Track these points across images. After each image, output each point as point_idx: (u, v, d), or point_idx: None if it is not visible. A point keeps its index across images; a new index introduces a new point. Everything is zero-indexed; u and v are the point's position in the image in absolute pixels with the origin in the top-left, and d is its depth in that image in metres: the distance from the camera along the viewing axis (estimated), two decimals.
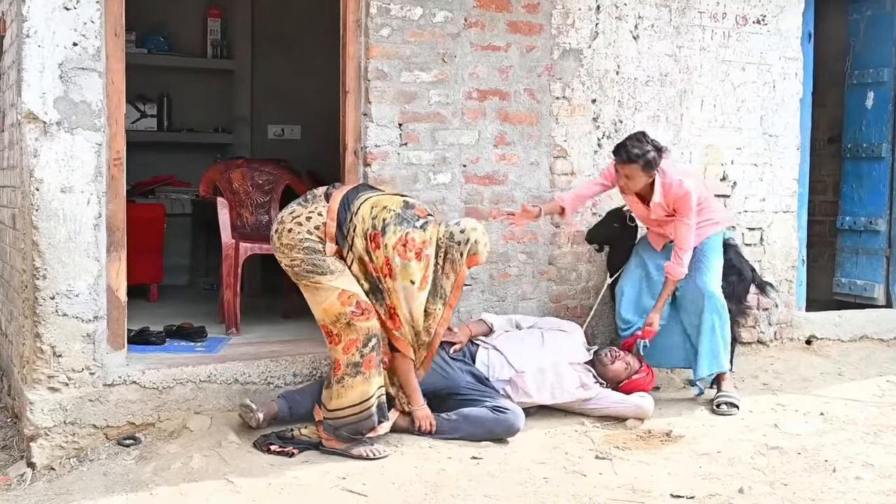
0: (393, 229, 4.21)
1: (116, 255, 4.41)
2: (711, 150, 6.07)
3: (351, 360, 4.17)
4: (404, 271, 4.20)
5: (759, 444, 4.49)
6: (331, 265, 4.19)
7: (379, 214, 4.23)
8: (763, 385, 5.61)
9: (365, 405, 4.19)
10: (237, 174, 6.23)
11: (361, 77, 5.03)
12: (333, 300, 4.16)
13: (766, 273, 6.25)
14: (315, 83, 7.74)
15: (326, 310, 4.18)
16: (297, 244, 4.17)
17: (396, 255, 4.19)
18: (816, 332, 6.55)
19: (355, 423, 4.19)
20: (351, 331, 4.16)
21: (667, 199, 4.98)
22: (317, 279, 4.17)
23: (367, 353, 4.18)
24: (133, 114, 7.91)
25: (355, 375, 4.18)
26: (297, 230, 4.20)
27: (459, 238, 4.35)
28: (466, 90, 5.24)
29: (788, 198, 6.38)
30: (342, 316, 4.15)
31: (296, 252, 4.18)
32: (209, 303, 6.49)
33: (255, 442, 4.26)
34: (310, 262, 4.17)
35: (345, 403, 4.19)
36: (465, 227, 4.38)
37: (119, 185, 4.43)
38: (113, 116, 4.37)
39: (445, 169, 5.18)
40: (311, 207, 4.27)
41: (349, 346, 4.17)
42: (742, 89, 6.15)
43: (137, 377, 4.38)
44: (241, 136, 8.51)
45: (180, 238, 7.73)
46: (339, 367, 4.19)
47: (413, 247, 4.21)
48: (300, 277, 4.21)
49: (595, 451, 4.35)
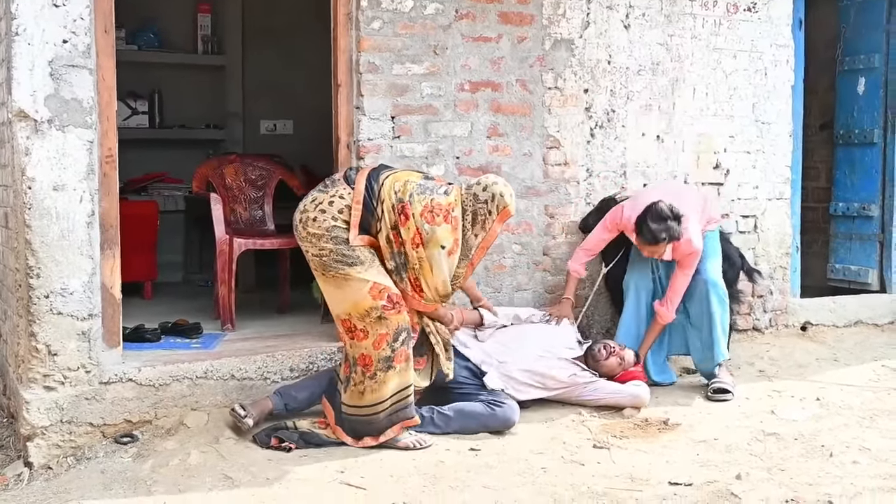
0: (418, 199, 4.18)
1: (110, 253, 4.39)
2: (704, 139, 6.07)
3: (382, 355, 4.14)
4: (434, 237, 4.16)
5: (756, 430, 4.50)
6: (360, 255, 4.13)
7: (403, 188, 4.21)
8: (759, 372, 5.62)
9: (401, 395, 4.19)
10: (230, 170, 6.22)
11: (353, 70, 5.02)
12: (364, 294, 4.11)
13: (760, 260, 6.26)
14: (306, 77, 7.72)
15: (356, 304, 4.12)
16: (326, 233, 4.12)
17: (425, 222, 4.15)
18: (811, 319, 6.56)
19: (391, 413, 4.19)
20: (381, 325, 4.13)
21: (675, 255, 5.08)
22: (345, 271, 4.11)
23: (398, 347, 4.16)
24: (124, 111, 7.88)
25: (387, 370, 4.15)
26: (321, 218, 4.14)
27: (485, 196, 4.29)
28: (458, 82, 5.23)
29: (781, 185, 6.38)
30: (373, 310, 4.11)
31: (324, 241, 4.12)
32: (204, 299, 6.48)
33: (255, 436, 4.25)
34: (339, 253, 4.11)
35: (378, 398, 4.17)
36: (487, 184, 4.33)
37: (111, 183, 4.41)
38: (104, 113, 4.35)
39: (438, 161, 5.17)
40: (332, 191, 4.22)
41: (379, 341, 4.14)
42: (734, 77, 6.15)
43: (133, 375, 4.37)
44: (233, 132, 8.49)
45: (174, 235, 7.72)
46: (371, 362, 4.15)
47: (440, 211, 4.19)
48: (328, 269, 4.14)
49: (593, 440, 4.36)
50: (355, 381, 4.21)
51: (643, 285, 5.32)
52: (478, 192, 4.31)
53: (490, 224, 4.30)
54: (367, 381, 4.17)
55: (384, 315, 4.12)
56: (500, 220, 4.32)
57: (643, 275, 5.33)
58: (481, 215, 4.29)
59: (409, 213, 4.15)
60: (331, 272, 4.15)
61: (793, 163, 6.46)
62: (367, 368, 4.16)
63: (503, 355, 4.73)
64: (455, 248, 4.24)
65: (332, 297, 4.24)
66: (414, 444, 4.22)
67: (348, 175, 4.30)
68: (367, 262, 4.15)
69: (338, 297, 4.20)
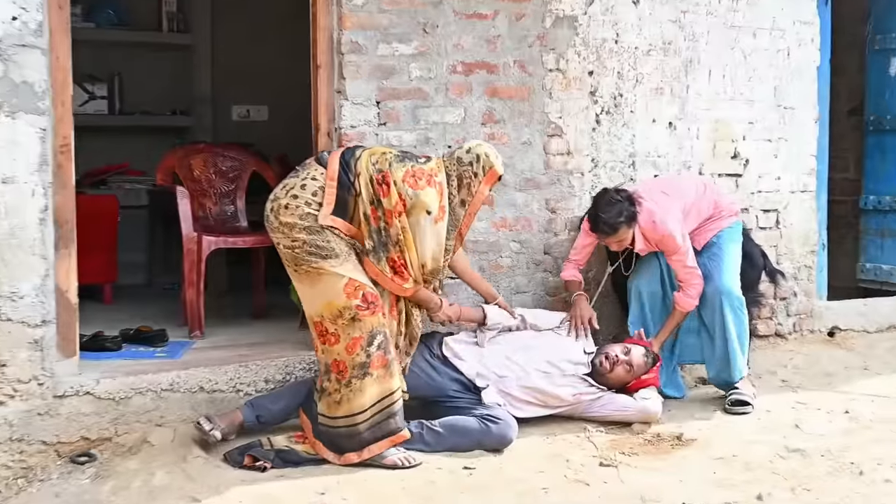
0: (398, 166, 4.26)
1: (66, 253, 4.38)
2: (721, 126, 6.08)
3: (357, 360, 4.16)
4: (418, 202, 4.21)
5: (778, 446, 4.51)
6: (335, 247, 4.16)
7: (380, 159, 4.28)
8: (782, 382, 5.63)
9: (384, 404, 4.20)
10: (198, 160, 6.21)
11: (334, 50, 5.01)
12: (338, 291, 4.14)
13: (782, 259, 6.27)
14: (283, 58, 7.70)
15: (330, 302, 4.16)
16: (299, 221, 4.15)
17: (407, 186, 4.21)
18: (839, 323, 6.58)
19: (374, 426, 4.19)
20: (354, 328, 4.15)
21: (647, 243, 5.10)
22: (319, 264, 4.14)
23: (374, 351, 4.17)
24: (81, 95, 7.86)
25: (363, 377, 4.17)
26: (293, 204, 4.18)
27: (469, 158, 4.40)
28: (450, 63, 5.23)
29: (806, 176, 6.40)
30: (346, 310, 4.14)
31: (297, 232, 4.15)
32: (169, 304, 6.46)
33: (226, 455, 4.24)
34: (313, 244, 4.14)
35: (356, 408, 4.18)
36: (470, 146, 4.46)
37: (67, 175, 4.39)
38: (59, 98, 4.34)
39: (429, 150, 5.16)
40: (304, 174, 4.27)
41: (353, 345, 4.16)
42: (753, 57, 6.16)
43: (91, 387, 4.36)
44: (201, 119, 8.47)
45: (136, 232, 7.68)
46: (345, 369, 4.17)
47: (422, 175, 4.26)
48: (300, 262, 4.17)
49: (599, 457, 4.36)
50: (330, 391, 4.22)
51: (649, 290, 5.31)
52: (461, 156, 4.42)
53: (477, 186, 4.37)
54: (342, 390, 4.18)
55: (358, 316, 4.14)
56: (487, 182, 4.40)
57: (650, 279, 5.33)
58: (467, 178, 4.37)
59: (389, 180, 4.20)
60: (304, 266, 4.18)
61: (818, 152, 6.48)
62: (342, 375, 4.18)
63: (503, 369, 4.72)
64: (441, 216, 4.29)
65: (305, 295, 4.27)
66: (402, 461, 4.21)
67: (320, 157, 4.35)
68: (342, 256, 4.18)
69: (311, 295, 4.22)
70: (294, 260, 4.19)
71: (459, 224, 4.40)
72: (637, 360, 4.89)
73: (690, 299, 5.12)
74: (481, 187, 4.38)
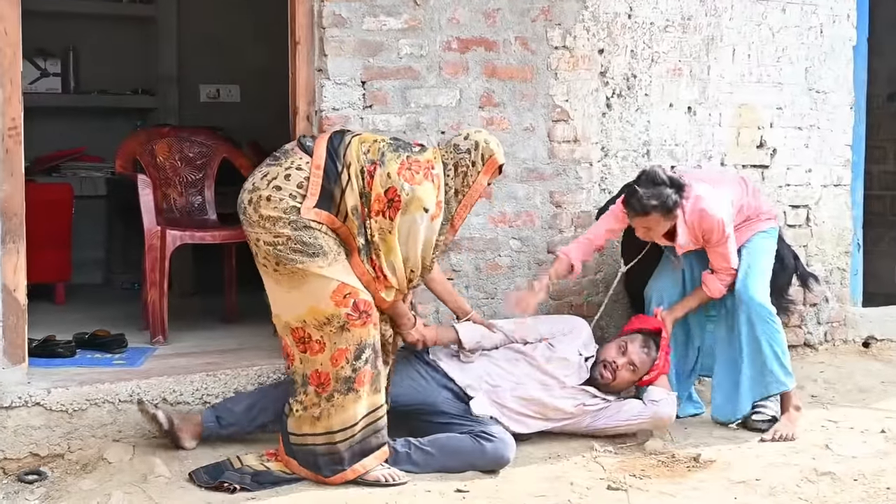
0: (391, 156, 4.23)
1: (13, 248, 4.38)
2: (745, 111, 6.10)
3: (341, 374, 4.15)
4: (415, 198, 4.19)
5: (806, 468, 4.52)
6: (322, 244, 4.13)
7: (371, 148, 4.26)
8: (811, 397, 5.65)
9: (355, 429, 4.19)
10: (162, 146, 6.21)
11: (315, 24, 5.02)
12: (325, 297, 4.12)
13: (813, 261, 6.29)
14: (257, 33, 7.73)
15: (314, 308, 4.14)
16: (283, 216, 4.11)
17: (403, 180, 4.18)
18: (876, 332, 6.61)
19: (357, 444, 4.19)
20: (342, 338, 4.14)
21: (694, 237, 5.01)
22: (304, 264, 4.10)
23: (360, 367, 4.16)
24: (31, 72, 7.86)
25: (347, 393, 4.16)
26: (276, 196, 4.14)
27: (466, 146, 4.39)
28: (444, 39, 5.25)
29: (840, 168, 6.42)
30: (335, 318, 4.13)
31: (281, 226, 4.11)
32: (129, 305, 6.47)
33: (192, 474, 4.24)
34: (298, 240, 4.10)
35: (335, 426, 4.17)
36: (468, 133, 4.47)
37: (15, 161, 4.40)
38: (6, 75, 4.34)
39: (420, 136, 5.18)
40: (287, 163, 4.24)
41: (338, 357, 4.15)
42: (782, 35, 6.18)
43: (41, 397, 4.36)
44: (166, 99, 8.48)
45: (93, 225, 7.71)
46: (328, 382, 4.16)
47: (420, 168, 4.24)
48: (282, 261, 4.13)
49: (607, 480, 4.36)
50: (307, 405, 4.21)
51: (669, 295, 5.30)
52: (458, 143, 4.42)
53: (474, 177, 4.37)
54: (323, 404, 4.18)
55: (347, 326, 4.13)
56: (486, 172, 4.39)
57: (670, 283, 5.31)
58: (463, 167, 4.36)
59: (374, 173, 4.19)
60: (287, 266, 4.14)
61: (854, 141, 6.50)
62: (323, 388, 4.17)
63: (496, 378, 4.73)
64: (438, 213, 4.28)
65: (283, 299, 4.23)
66: (386, 478, 4.22)
67: (303, 143, 4.32)
68: (330, 255, 4.15)
69: (291, 298, 4.19)
70: (276, 258, 4.15)
71: (452, 215, 4.37)
72: (638, 356, 4.89)
73: (721, 285, 5.08)
74: (479, 178, 4.36)
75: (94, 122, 8.17)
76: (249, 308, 6.02)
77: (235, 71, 8.51)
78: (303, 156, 4.25)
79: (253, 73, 8.22)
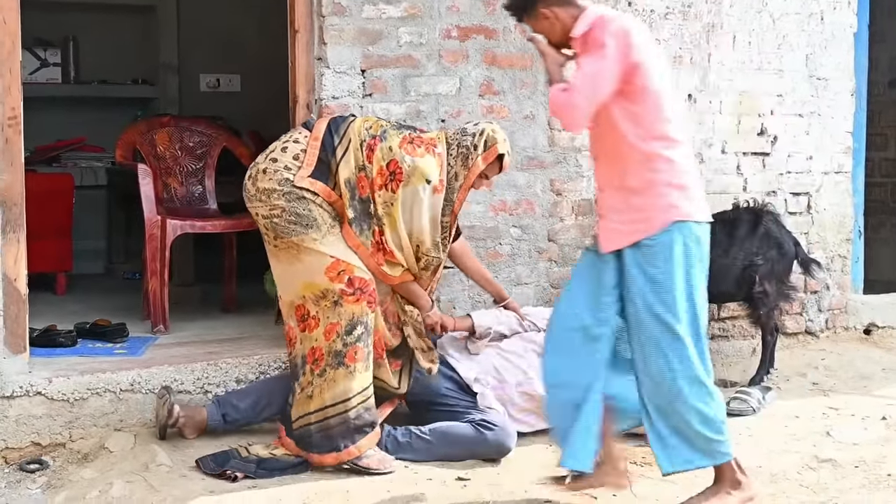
0: (393, 133, 4.34)
1: (14, 238, 4.39)
2: (746, 98, 6.09)
3: (333, 347, 4.20)
4: (417, 169, 4.27)
5: (807, 455, 4.53)
6: (317, 216, 4.20)
7: (374, 125, 4.37)
8: (812, 385, 5.66)
9: (348, 405, 4.20)
10: (162, 135, 6.21)
11: (314, 13, 5.01)
12: (319, 272, 4.19)
13: (814, 248, 6.29)
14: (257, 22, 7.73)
15: (310, 283, 4.20)
16: (278, 187, 4.20)
17: (405, 153, 4.28)
18: (877, 320, 6.61)
19: (348, 422, 4.19)
20: (334, 312, 4.19)
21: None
22: (300, 236, 4.18)
23: (351, 342, 4.20)
24: (31, 62, 7.86)
25: (337, 367, 4.20)
26: (272, 168, 4.24)
27: (473, 130, 4.47)
28: (444, 27, 5.24)
29: (841, 155, 6.41)
30: (329, 293, 4.19)
31: (276, 198, 4.20)
32: (130, 295, 6.48)
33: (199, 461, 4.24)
34: (292, 212, 4.18)
35: (329, 401, 4.20)
36: (479, 122, 4.55)
37: (15, 151, 4.40)
38: (6, 65, 4.34)
39: (420, 124, 5.17)
40: (286, 137, 4.35)
41: (330, 330, 4.20)
42: (783, 22, 6.17)
43: (43, 387, 4.37)
44: (166, 89, 8.49)
45: (93, 215, 7.71)
46: (321, 357, 4.20)
47: (421, 143, 4.34)
48: (279, 234, 4.22)
49: None
50: (303, 385, 4.25)
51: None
52: (466, 127, 4.52)
53: (474, 159, 4.41)
54: (315, 381, 4.22)
55: (341, 301, 4.18)
56: (486, 159, 4.42)
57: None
58: (463, 147, 4.42)
59: (375, 147, 4.27)
60: (283, 240, 4.21)
61: (855, 128, 6.49)
62: (317, 364, 4.22)
63: (504, 371, 4.72)
64: (441, 188, 4.34)
65: (284, 277, 4.32)
66: (377, 465, 4.24)
67: (307, 122, 4.43)
68: (324, 227, 4.23)
69: (290, 274, 4.27)
70: (274, 231, 4.23)
71: (454, 200, 4.41)
72: None
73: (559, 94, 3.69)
74: (478, 160, 4.40)
75: (94, 111, 8.17)
76: (249, 298, 6.03)
77: (235, 60, 8.51)
78: (302, 130, 4.37)
79: (253, 63, 8.21)
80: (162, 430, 4.38)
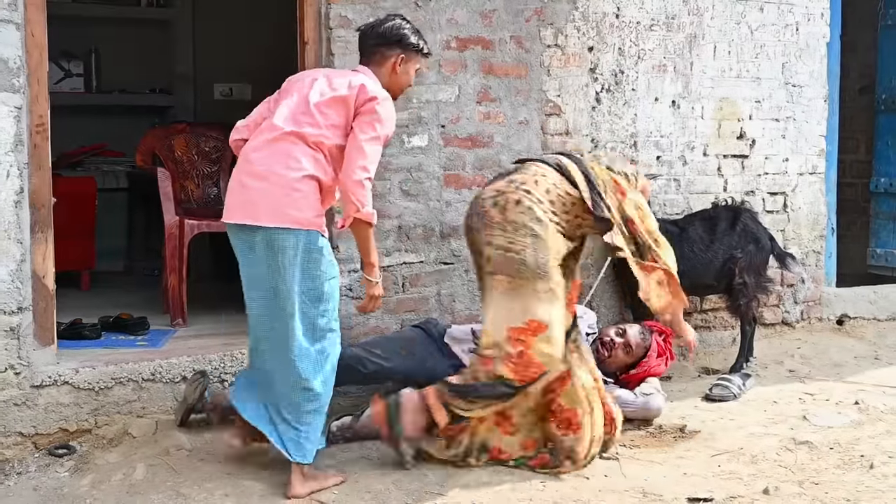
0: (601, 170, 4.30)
1: (42, 237, 4.38)
2: (726, 104, 6.10)
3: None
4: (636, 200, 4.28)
5: (785, 438, 4.54)
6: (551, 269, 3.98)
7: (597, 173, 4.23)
8: (789, 372, 5.66)
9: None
10: (179, 141, 6.22)
11: (322, 25, 5.01)
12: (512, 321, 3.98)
13: (790, 244, 6.30)
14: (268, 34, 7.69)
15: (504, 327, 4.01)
16: (528, 224, 3.97)
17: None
18: (849, 311, 6.62)
19: None
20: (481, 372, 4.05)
21: None
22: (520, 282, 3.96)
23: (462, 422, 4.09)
24: (56, 73, 7.85)
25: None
26: (526, 200, 4.00)
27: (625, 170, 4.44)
28: (444, 38, 5.23)
29: (815, 157, 6.42)
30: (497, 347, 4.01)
31: (521, 235, 3.98)
32: (150, 290, 6.48)
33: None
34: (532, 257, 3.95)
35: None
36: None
37: (43, 156, 4.39)
38: (34, 75, 4.33)
39: (421, 130, 5.18)
40: (530, 171, 4.13)
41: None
42: (760, 33, 6.18)
43: (70, 377, 4.38)
44: (182, 98, 8.46)
45: (115, 216, 7.70)
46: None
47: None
48: (497, 269, 3.98)
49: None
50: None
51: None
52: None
53: None
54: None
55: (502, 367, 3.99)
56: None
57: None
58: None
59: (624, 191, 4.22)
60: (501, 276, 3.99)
61: (828, 132, 6.50)
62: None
63: None
64: None
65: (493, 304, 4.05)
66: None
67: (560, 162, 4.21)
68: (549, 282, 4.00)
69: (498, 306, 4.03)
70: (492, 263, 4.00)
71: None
72: (634, 339, 4.91)
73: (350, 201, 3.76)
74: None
75: (114, 119, 8.15)
76: None
77: (248, 71, 8.47)
78: (546, 167, 4.17)
79: (264, 73, 8.15)
80: (186, 412, 4.37)
